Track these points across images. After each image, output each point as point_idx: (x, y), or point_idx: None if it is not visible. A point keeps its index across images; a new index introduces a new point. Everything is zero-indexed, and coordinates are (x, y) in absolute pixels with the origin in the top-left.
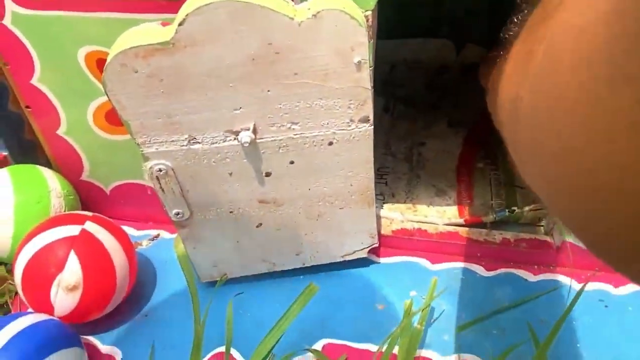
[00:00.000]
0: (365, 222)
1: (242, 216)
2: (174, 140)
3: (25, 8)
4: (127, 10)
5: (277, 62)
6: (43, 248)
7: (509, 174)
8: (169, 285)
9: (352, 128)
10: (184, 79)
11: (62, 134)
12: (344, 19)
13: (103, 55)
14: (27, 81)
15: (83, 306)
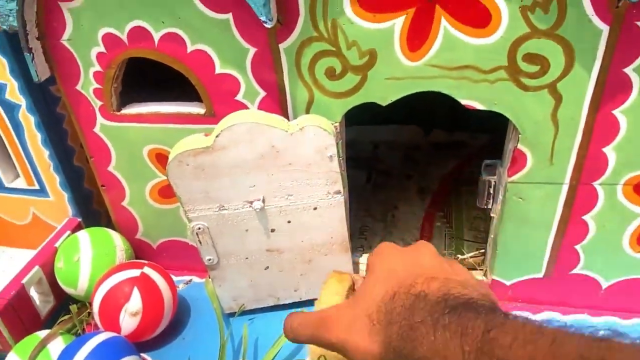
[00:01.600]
0: (344, 264)
1: (254, 261)
2: (209, 207)
3: (110, 121)
4: (178, 122)
5: (278, 157)
6: (115, 285)
7: (459, 230)
8: (199, 316)
9: (329, 198)
10: (217, 169)
11: (126, 205)
12: (319, 130)
13: (161, 151)
14: (105, 168)
15: (141, 328)
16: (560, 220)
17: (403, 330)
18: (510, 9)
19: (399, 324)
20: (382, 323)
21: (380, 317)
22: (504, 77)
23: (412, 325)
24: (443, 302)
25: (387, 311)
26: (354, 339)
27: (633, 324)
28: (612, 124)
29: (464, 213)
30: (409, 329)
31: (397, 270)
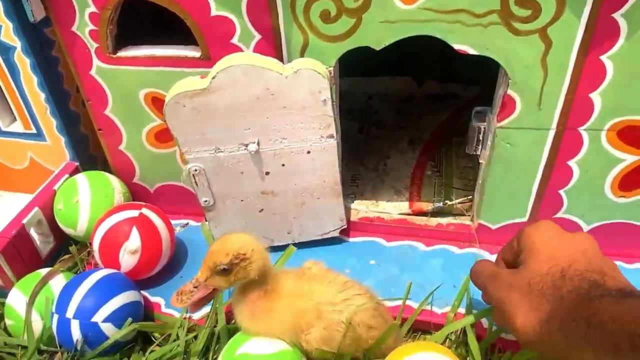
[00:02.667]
0: (335, 209)
1: (249, 204)
2: (205, 150)
3: (105, 64)
4: (174, 66)
5: (273, 99)
6: (115, 224)
7: (449, 178)
8: (196, 257)
9: (322, 141)
10: (213, 110)
11: (123, 149)
12: (313, 74)
13: (157, 94)
14: (102, 112)
15: (140, 265)
16: (546, 165)
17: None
18: None
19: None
20: (549, 296)
21: (546, 289)
22: (496, 21)
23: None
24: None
25: (555, 286)
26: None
27: None
28: (599, 70)
29: (454, 162)
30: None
31: (562, 252)
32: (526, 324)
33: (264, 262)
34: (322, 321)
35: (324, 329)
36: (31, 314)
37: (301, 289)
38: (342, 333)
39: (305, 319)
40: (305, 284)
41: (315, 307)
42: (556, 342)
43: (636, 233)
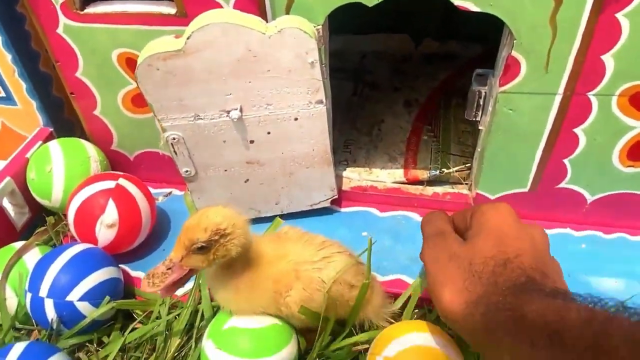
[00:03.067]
0: (326, 178)
1: (233, 174)
2: (184, 117)
3: (73, 21)
4: (148, 24)
5: (255, 62)
6: (89, 196)
7: (446, 144)
8: (179, 228)
9: (310, 107)
10: (190, 74)
11: (98, 114)
12: (299, 33)
13: (131, 55)
14: (73, 74)
15: (118, 239)
16: (551, 133)
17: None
18: None
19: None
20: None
21: (484, 273)
22: None
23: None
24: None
25: (494, 273)
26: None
27: (614, 237)
28: (614, 28)
29: (452, 127)
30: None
31: (513, 241)
32: (453, 302)
33: (246, 237)
34: (300, 281)
35: (304, 290)
36: (5, 290)
37: (278, 253)
38: (323, 292)
39: (284, 282)
40: (281, 247)
41: (293, 268)
42: (476, 327)
43: None
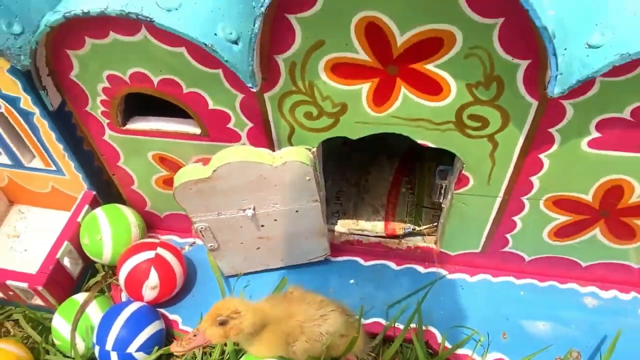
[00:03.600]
0: (320, 244)
1: (247, 245)
2: (209, 214)
3: (116, 133)
4: (178, 138)
5: (265, 182)
6: (135, 266)
7: (420, 198)
8: (204, 274)
9: (308, 204)
10: (215, 192)
11: (135, 189)
12: (299, 164)
13: (163, 155)
14: (115, 164)
15: (159, 296)
16: (494, 219)
17: None
18: (458, 85)
19: None
20: None
21: None
22: (452, 128)
23: None
24: None
25: None
26: None
27: (547, 285)
28: (537, 164)
29: (427, 179)
30: None
31: None
32: None
33: (254, 320)
34: (304, 335)
35: (306, 342)
36: (75, 338)
37: (287, 313)
38: (322, 342)
39: (292, 335)
40: (289, 307)
41: (299, 325)
42: None
43: (567, 263)
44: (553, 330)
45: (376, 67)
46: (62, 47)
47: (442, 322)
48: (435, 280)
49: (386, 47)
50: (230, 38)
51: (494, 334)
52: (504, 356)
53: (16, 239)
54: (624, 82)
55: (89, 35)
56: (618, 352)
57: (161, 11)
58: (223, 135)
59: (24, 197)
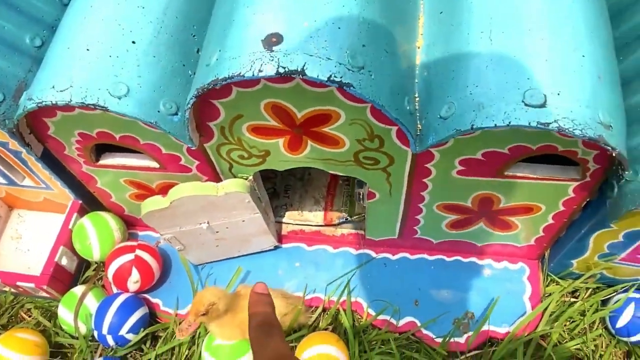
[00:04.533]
0: (268, 240)
1: (208, 245)
2: (173, 228)
3: (91, 167)
4: (141, 170)
5: (213, 207)
6: (120, 266)
7: (353, 189)
8: (179, 265)
9: (251, 215)
10: (174, 216)
11: (114, 201)
12: (238, 194)
13: (132, 179)
14: (94, 185)
15: (141, 287)
16: (402, 218)
17: None
18: (350, 140)
19: None
20: None
21: None
22: (353, 164)
23: None
24: None
25: None
26: None
27: (454, 260)
28: (423, 185)
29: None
30: None
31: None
32: None
33: (226, 304)
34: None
35: None
36: (78, 323)
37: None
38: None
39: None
40: (241, 302)
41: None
42: None
43: (466, 244)
44: (455, 296)
45: (285, 129)
46: (40, 116)
47: (368, 294)
48: (364, 262)
49: (290, 119)
50: (171, 111)
51: (408, 300)
52: (415, 319)
53: (19, 240)
54: (470, 139)
55: (58, 110)
56: (501, 309)
57: (113, 99)
58: (177, 169)
59: (21, 203)
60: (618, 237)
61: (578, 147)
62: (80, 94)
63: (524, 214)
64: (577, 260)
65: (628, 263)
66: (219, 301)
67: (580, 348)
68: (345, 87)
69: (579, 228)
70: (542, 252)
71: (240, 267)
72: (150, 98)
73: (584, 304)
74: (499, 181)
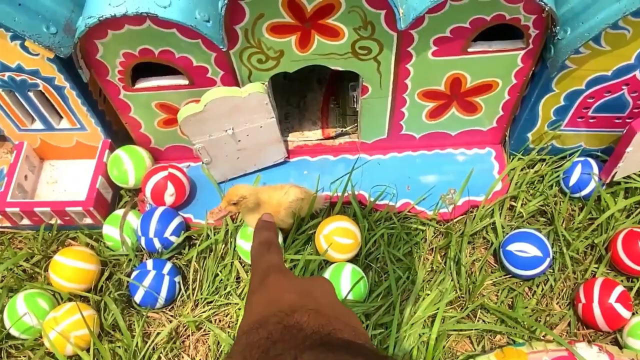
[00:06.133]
0: (280, 149)
1: (231, 157)
2: (204, 137)
3: (128, 92)
4: (172, 89)
5: (238, 109)
6: (157, 182)
7: (343, 109)
8: (200, 187)
9: (267, 120)
10: (206, 119)
11: (142, 131)
12: (258, 94)
13: (163, 102)
14: (127, 114)
15: (176, 201)
16: (390, 112)
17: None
18: (348, 30)
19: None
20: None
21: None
22: (350, 56)
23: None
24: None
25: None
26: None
27: (433, 153)
28: (406, 71)
29: (346, 96)
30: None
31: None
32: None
33: (255, 199)
34: (281, 206)
35: (284, 210)
36: (124, 236)
37: (269, 196)
38: (292, 207)
39: (275, 209)
40: (269, 193)
41: (277, 202)
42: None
43: (443, 135)
44: (439, 179)
45: (297, 24)
46: (92, 38)
47: (367, 187)
48: (362, 164)
49: (302, 12)
50: (205, 19)
51: (401, 187)
52: (409, 200)
53: (55, 184)
54: (440, 15)
55: (110, 28)
56: (476, 183)
57: (160, 8)
58: (204, 82)
59: (52, 153)
60: (560, 100)
61: (520, 13)
62: (134, 6)
63: (485, 92)
64: (531, 133)
65: (570, 129)
66: (249, 196)
67: (542, 205)
68: None
69: (529, 98)
70: (503, 135)
71: (259, 176)
72: (187, 8)
73: (541, 169)
74: (464, 58)
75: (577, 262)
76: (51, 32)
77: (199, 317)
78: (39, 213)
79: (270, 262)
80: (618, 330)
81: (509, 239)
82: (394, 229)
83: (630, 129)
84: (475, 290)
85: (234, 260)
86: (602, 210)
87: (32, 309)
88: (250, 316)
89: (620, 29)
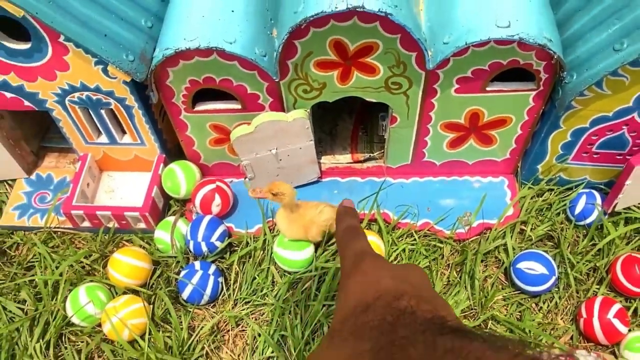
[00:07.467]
0: (314, 170)
1: (271, 173)
2: (251, 155)
3: (188, 113)
4: (226, 112)
5: (283, 132)
6: (205, 193)
7: (371, 137)
8: (241, 200)
9: (306, 143)
10: (255, 140)
11: (194, 148)
12: (302, 119)
13: (216, 124)
14: (184, 133)
15: (221, 211)
16: (415, 141)
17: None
18: (383, 68)
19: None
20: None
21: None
22: (383, 90)
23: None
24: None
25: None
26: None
27: (452, 179)
28: (431, 105)
29: (374, 125)
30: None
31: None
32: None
33: (290, 197)
34: (314, 223)
35: (317, 227)
36: (174, 240)
37: (304, 212)
38: (325, 225)
39: (308, 224)
40: (305, 209)
41: (310, 219)
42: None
43: (461, 164)
44: (456, 203)
45: (340, 62)
46: (165, 66)
47: (392, 207)
48: (386, 186)
49: (345, 52)
50: (262, 54)
51: (422, 208)
52: (429, 220)
53: (112, 193)
54: (463, 58)
55: (182, 59)
56: (490, 208)
57: (226, 44)
58: (255, 107)
59: (111, 165)
60: (567, 136)
61: (533, 59)
62: (205, 41)
63: (500, 126)
64: (541, 165)
65: (576, 162)
66: (287, 196)
67: (550, 230)
68: (388, 15)
69: (540, 134)
70: (516, 166)
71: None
72: (249, 45)
73: (549, 198)
74: (482, 96)
75: (580, 282)
76: (129, 60)
77: (238, 313)
78: (100, 216)
79: (362, 246)
80: (616, 344)
81: (519, 257)
82: (415, 245)
83: (629, 165)
84: (486, 303)
85: (270, 265)
86: (604, 236)
87: (93, 299)
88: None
89: (620, 76)
